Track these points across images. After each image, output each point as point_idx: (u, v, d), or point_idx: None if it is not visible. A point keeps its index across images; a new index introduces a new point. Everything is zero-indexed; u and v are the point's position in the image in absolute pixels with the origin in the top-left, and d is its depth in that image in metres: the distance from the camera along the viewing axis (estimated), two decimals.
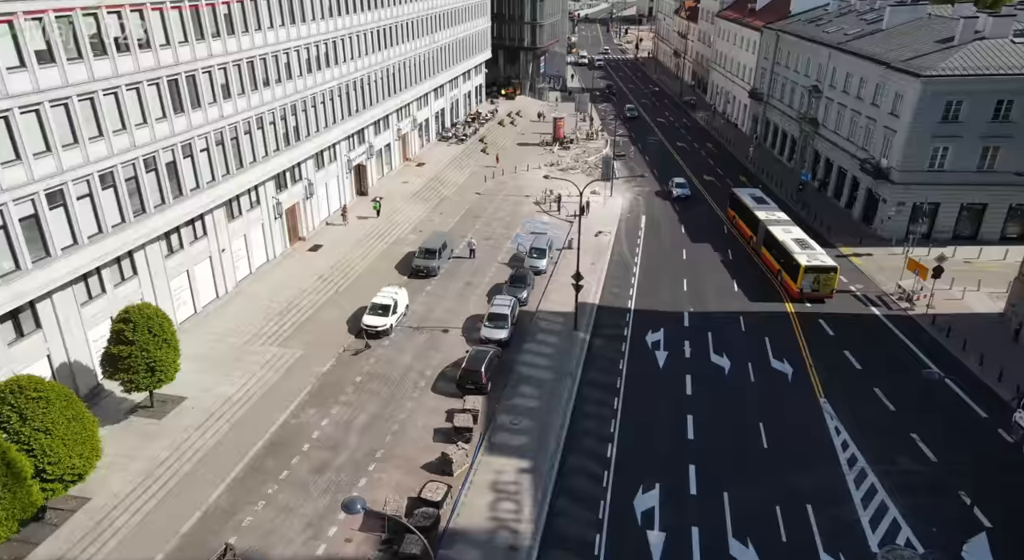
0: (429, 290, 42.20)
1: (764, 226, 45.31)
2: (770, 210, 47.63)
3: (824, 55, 58.61)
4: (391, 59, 56.89)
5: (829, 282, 39.52)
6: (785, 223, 45.29)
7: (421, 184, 59.48)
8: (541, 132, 78.89)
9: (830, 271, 39.40)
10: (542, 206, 57.15)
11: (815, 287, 39.50)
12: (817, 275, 39.31)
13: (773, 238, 43.67)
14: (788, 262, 41.11)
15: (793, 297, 40.60)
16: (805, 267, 39.25)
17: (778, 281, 42.73)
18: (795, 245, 41.49)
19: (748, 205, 49.05)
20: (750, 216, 48.27)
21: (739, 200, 50.83)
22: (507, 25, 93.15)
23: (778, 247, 42.70)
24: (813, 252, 40.71)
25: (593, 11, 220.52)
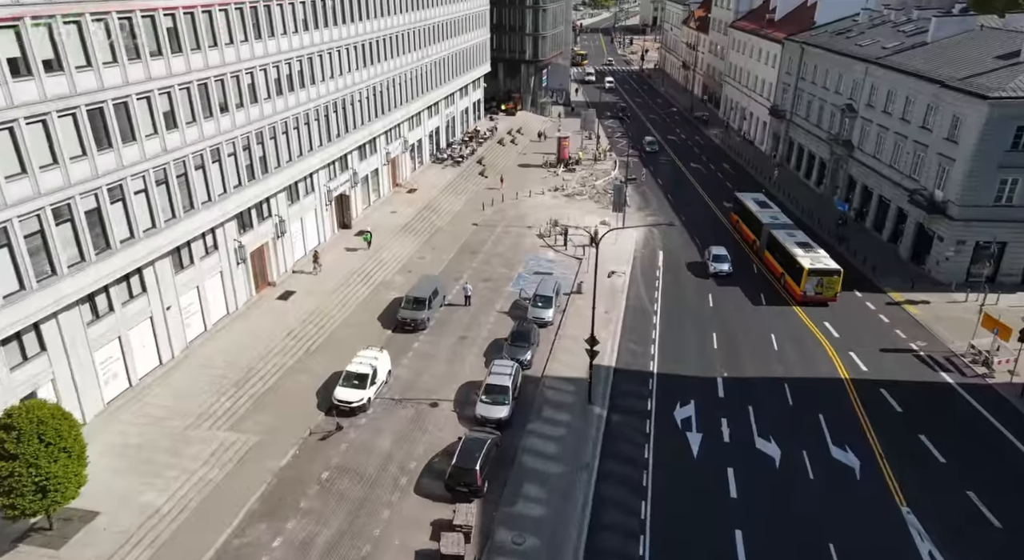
0: (417, 347, 36.08)
1: (768, 230, 44.93)
2: (775, 214, 47.44)
3: (859, 71, 52.77)
4: (378, 76, 51.08)
5: (833, 285, 39.24)
6: (789, 227, 45.15)
7: (412, 214, 53.47)
8: (544, 152, 73.03)
9: (834, 274, 39.11)
10: (546, 239, 51.12)
11: (819, 290, 39.31)
12: (821, 278, 39.08)
13: (777, 242, 43.26)
14: (791, 265, 40.89)
15: (797, 300, 40.40)
16: (809, 270, 38.98)
17: (781, 284, 42.54)
18: (799, 248, 41.28)
19: (751, 209, 48.79)
20: (753, 220, 47.98)
21: (743, 204, 50.57)
22: (507, 36, 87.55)
23: (781, 251, 42.45)
24: (817, 255, 40.50)
25: (594, 21, 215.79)
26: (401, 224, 51.25)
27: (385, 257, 45.98)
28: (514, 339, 35.15)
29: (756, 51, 76.68)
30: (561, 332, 37.85)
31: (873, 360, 34.42)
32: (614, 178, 66.09)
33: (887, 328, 37.72)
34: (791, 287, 41.04)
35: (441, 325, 38.35)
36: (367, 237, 47.81)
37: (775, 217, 46.98)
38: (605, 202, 59.37)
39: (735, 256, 46.13)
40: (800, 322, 38.74)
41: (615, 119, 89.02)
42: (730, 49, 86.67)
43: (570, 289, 42.93)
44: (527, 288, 42.70)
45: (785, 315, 39.62)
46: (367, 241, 47.63)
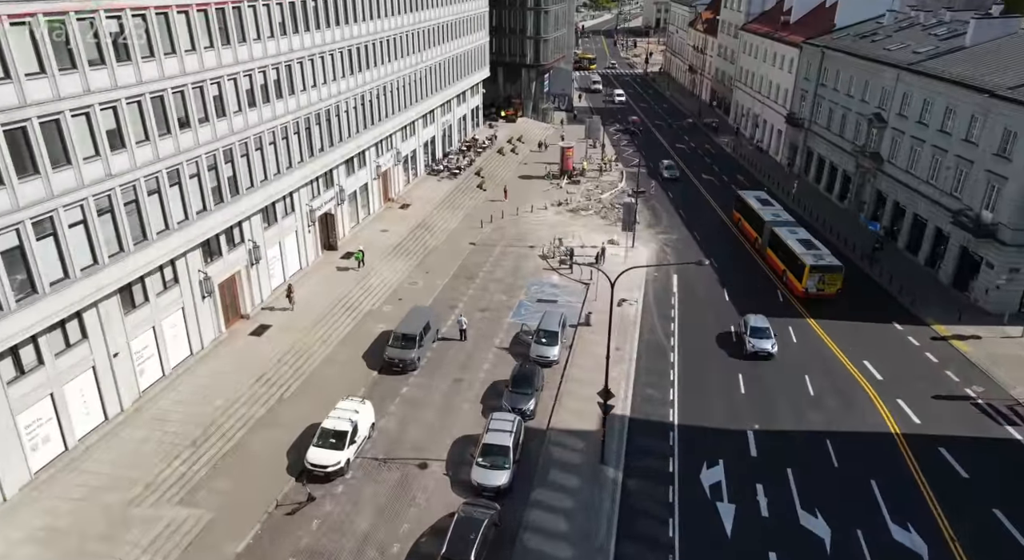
0: (406, 393, 31.90)
1: (770, 228, 44.93)
2: (776, 211, 47.45)
3: (889, 77, 48.64)
4: (368, 84, 46.95)
5: (834, 281, 39.29)
6: (791, 224, 45.04)
7: (404, 232, 49.29)
8: (546, 162, 68.89)
9: (836, 271, 39.24)
10: (550, 261, 46.97)
11: (820, 287, 39.37)
12: (822, 275, 39.16)
13: (779, 240, 43.24)
14: (793, 262, 41.05)
15: (798, 297, 40.56)
16: (811, 267, 39.13)
17: (782, 282, 42.71)
18: (800, 246, 41.33)
19: (753, 207, 48.57)
20: (755, 218, 47.89)
21: (744, 202, 50.48)
22: (507, 39, 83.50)
23: (783, 248, 42.57)
24: (819, 252, 40.65)
25: (595, 23, 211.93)
26: (392, 244, 47.03)
27: (373, 283, 41.80)
28: (515, 384, 30.95)
29: (770, 55, 72.59)
30: (568, 373, 33.68)
31: (925, 410, 30.20)
32: (621, 191, 62.02)
33: (936, 369, 33.52)
34: (792, 284, 41.23)
35: (433, 364, 34.17)
36: (359, 256, 43.87)
37: (777, 214, 46.79)
38: (612, 218, 55.22)
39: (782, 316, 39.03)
40: (836, 360, 34.52)
41: (625, 132, 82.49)
42: (741, 53, 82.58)
43: (577, 320, 38.78)
44: (529, 319, 38.56)
45: (818, 351, 35.39)
46: (359, 260, 43.74)
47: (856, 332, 37.10)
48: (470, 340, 36.50)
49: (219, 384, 30.39)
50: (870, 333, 37.01)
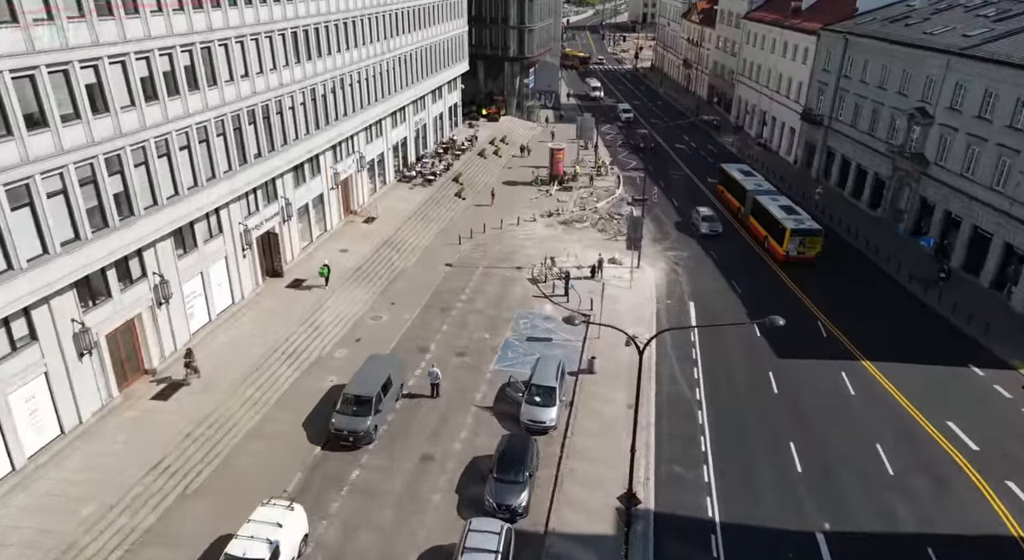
0: (357, 479, 24.03)
1: (752, 197, 46.09)
2: (757, 181, 48.73)
3: (937, 65, 41.55)
4: (321, 75, 38.93)
5: (814, 245, 40.66)
6: (772, 192, 46.34)
7: (367, 253, 41.27)
8: (533, 165, 61.22)
9: (816, 234, 40.54)
10: (541, 285, 39.31)
11: (801, 250, 40.64)
12: (803, 238, 40.35)
13: (761, 207, 44.32)
14: (775, 227, 42.09)
15: (779, 261, 41.71)
16: (792, 230, 40.22)
17: (764, 248, 43.70)
18: (782, 211, 42.29)
19: (736, 178, 49.68)
20: (738, 188, 48.96)
21: (728, 174, 51.71)
22: (488, 30, 75.72)
23: (765, 215, 43.60)
24: (799, 217, 41.76)
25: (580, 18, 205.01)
26: (352, 268, 38.98)
27: (325, 319, 33.78)
28: (502, 468, 23.17)
29: (780, 45, 65.50)
30: (570, 443, 25.99)
31: None
32: (620, 198, 54.50)
33: None
34: (774, 248, 42.28)
35: (396, 433, 26.31)
36: (324, 272, 36.51)
37: (759, 184, 48.08)
38: (612, 231, 47.67)
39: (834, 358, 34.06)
40: (911, 420, 27.10)
41: (633, 150, 67.45)
42: (744, 44, 75.50)
43: (577, 365, 31.15)
44: (518, 366, 30.86)
45: (886, 407, 27.94)
46: (324, 276, 36.44)
47: (927, 379, 29.75)
48: (444, 396, 28.69)
49: (95, 478, 22.21)
50: (945, 381, 29.69)
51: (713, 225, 46.71)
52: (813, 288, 38.58)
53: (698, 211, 48.41)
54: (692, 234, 47.23)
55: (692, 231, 47.63)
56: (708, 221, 47.07)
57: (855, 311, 35.83)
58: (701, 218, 47.47)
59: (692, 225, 47.92)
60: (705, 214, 47.73)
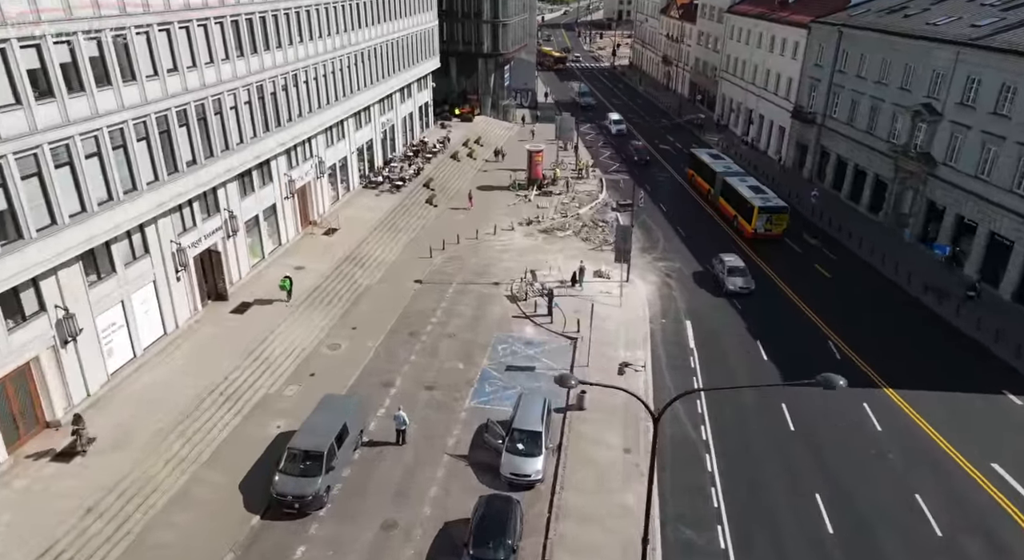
0: (301, 557, 19.84)
1: (722, 178, 47.05)
2: (726, 163, 50.29)
3: (945, 58, 38.45)
4: (268, 71, 34.51)
5: (780, 222, 41.99)
6: (740, 174, 47.49)
7: (327, 269, 36.90)
8: (510, 168, 57.24)
9: (782, 211, 42.02)
10: (521, 303, 35.35)
11: (768, 227, 41.87)
12: (770, 215, 41.66)
13: (730, 187, 45.41)
14: (743, 206, 43.23)
15: (747, 238, 42.66)
16: (759, 208, 41.52)
17: (733, 227, 44.69)
18: (749, 191, 43.57)
19: (706, 162, 51.09)
20: (708, 171, 50.34)
21: (698, 158, 52.96)
22: (460, 25, 71.54)
23: (734, 195, 44.76)
24: (766, 195, 43.04)
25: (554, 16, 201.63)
26: (308, 288, 34.57)
27: (275, 350, 29.39)
28: (479, 540, 19.15)
29: (767, 40, 62.38)
30: (559, 500, 22.06)
31: None
32: (603, 204, 50.74)
33: None
34: (743, 226, 43.37)
35: (352, 492, 22.15)
36: (286, 285, 32.70)
37: (728, 166, 49.47)
38: (597, 240, 43.88)
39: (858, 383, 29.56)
40: (951, 462, 23.57)
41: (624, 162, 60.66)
42: (728, 39, 72.35)
43: (565, 400, 27.24)
44: (497, 402, 26.91)
45: (919, 446, 24.46)
46: (286, 290, 32.68)
47: (959, 410, 26.36)
48: (411, 443, 24.57)
49: None
50: (979, 412, 26.31)
51: (746, 281, 34.93)
52: (820, 302, 35.14)
53: (722, 260, 36.03)
54: (684, 241, 43.63)
55: (680, 235, 44.05)
56: (738, 275, 35.04)
57: (869, 328, 32.41)
58: (727, 270, 35.12)
59: (715, 278, 36.89)
60: (732, 265, 35.22)
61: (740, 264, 36.70)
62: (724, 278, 36.06)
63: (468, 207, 48.90)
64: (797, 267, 39.50)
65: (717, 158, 51.93)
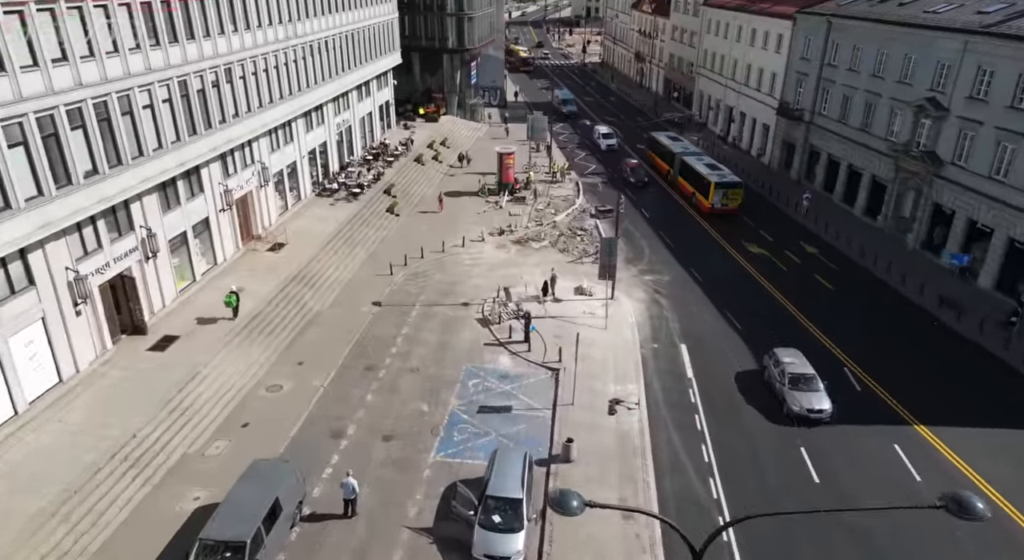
0: None
1: (680, 158, 49.02)
2: (685, 145, 52.59)
3: (951, 48, 35.24)
4: (192, 64, 29.64)
5: (736, 197, 43.94)
6: (698, 154, 49.50)
7: (271, 292, 32.09)
8: (479, 172, 52.90)
9: (737, 186, 44.11)
10: (494, 326, 31.06)
11: (725, 202, 43.80)
12: (726, 191, 43.66)
13: (688, 167, 47.34)
14: (700, 183, 45.14)
15: (704, 213, 44.49)
16: (716, 184, 43.62)
17: (691, 203, 46.42)
18: (706, 169, 45.46)
19: (665, 143, 53.05)
20: (667, 152, 52.10)
21: (657, 140, 54.85)
22: (423, 18, 66.90)
23: (692, 173, 46.61)
24: (722, 172, 45.15)
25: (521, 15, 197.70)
26: (247, 316, 29.69)
27: (199, 396, 24.53)
28: None
29: (748, 33, 59.11)
30: None
31: None
32: (581, 210, 46.69)
33: None
34: (701, 203, 45.30)
35: None
36: (231, 301, 28.64)
37: (686, 147, 52.01)
38: (575, 251, 39.82)
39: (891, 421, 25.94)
40: (1016, 530, 20.09)
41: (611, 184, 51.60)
42: (705, 33, 69.07)
43: (548, 449, 23.03)
44: (467, 453, 22.61)
45: None
46: (232, 306, 28.61)
47: (1009, 452, 22.82)
48: (363, 514, 20.11)
49: None
50: None
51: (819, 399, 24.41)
52: (826, 319, 31.49)
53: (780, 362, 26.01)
54: (671, 251, 39.79)
55: (667, 245, 40.18)
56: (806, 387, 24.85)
57: (884, 351, 28.85)
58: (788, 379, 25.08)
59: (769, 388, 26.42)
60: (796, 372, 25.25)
61: (808, 369, 25.36)
62: (785, 392, 24.93)
63: (438, 210, 45.23)
64: (797, 279, 35.91)
65: (675, 140, 54.16)
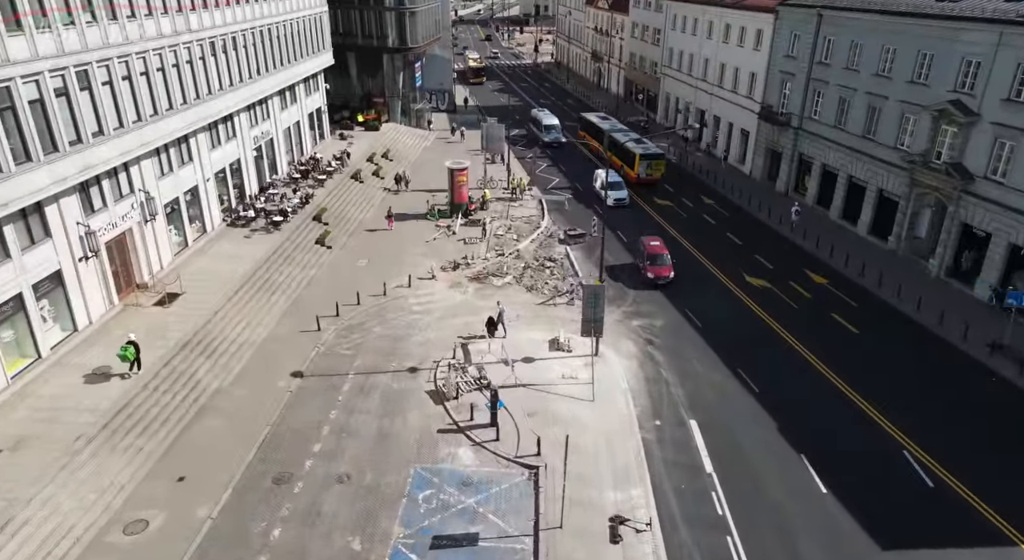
0: None
1: (608, 135, 52.28)
2: (613, 123, 56.07)
3: (981, 42, 29.82)
4: (23, 64, 21.70)
5: (659, 167, 47.97)
6: (624, 130, 53.47)
7: (152, 365, 24.24)
8: (429, 189, 45.71)
9: (659, 157, 48.32)
10: (450, 400, 24.03)
11: (649, 172, 47.62)
12: (650, 161, 47.51)
13: (616, 142, 51.11)
14: (627, 155, 48.94)
15: (631, 183, 47.29)
16: (640, 155, 47.26)
17: (621, 174, 48.37)
18: (632, 143, 49.44)
19: (595, 122, 56.38)
20: (597, 130, 55.39)
21: (587, 120, 57.99)
22: (358, 13, 59.09)
23: (620, 147, 50.34)
24: (646, 145, 49.29)
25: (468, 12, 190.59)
26: (109, 410, 21.72)
27: (30, 538, 16.77)
28: None
29: (721, 28, 53.57)
30: None
31: None
32: (548, 234, 39.96)
33: None
34: (628, 174, 48.17)
35: None
36: (128, 354, 22.60)
37: (614, 125, 55.08)
38: (544, 288, 33.11)
39: None
40: None
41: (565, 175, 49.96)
42: (670, 30, 63.47)
43: None
44: None
45: None
46: (128, 360, 22.66)
47: None
48: None
49: None
50: None
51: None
52: (864, 378, 25.30)
53: None
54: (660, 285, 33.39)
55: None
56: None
57: (951, 423, 22.81)
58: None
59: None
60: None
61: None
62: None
63: (388, 228, 39.60)
64: (811, 319, 29.95)
65: (605, 119, 57.43)
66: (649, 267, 33.20)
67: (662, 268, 33.19)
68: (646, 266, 33.34)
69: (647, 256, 33.54)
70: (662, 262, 33.37)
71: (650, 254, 33.66)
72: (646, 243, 34.72)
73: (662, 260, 33.44)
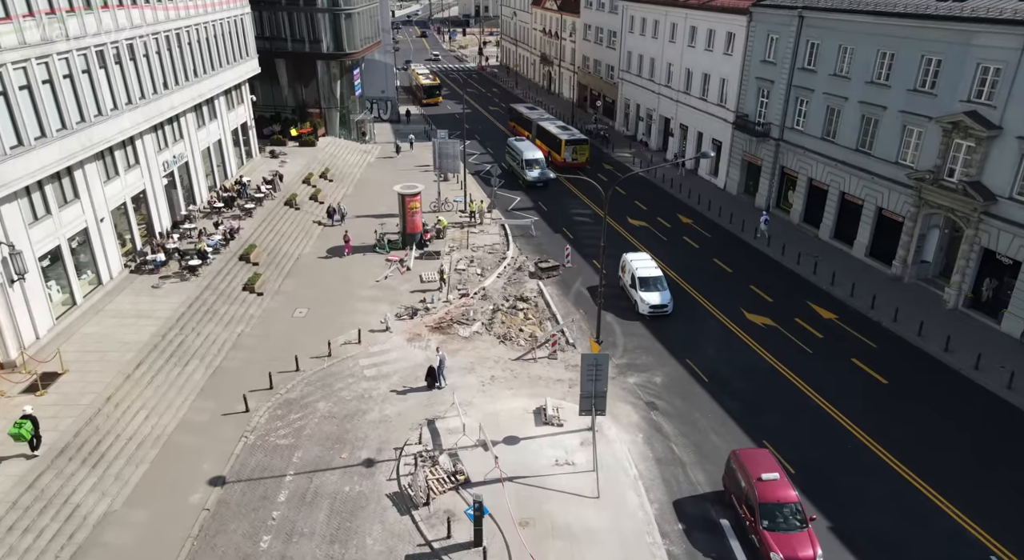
0: None
1: (536, 123, 55.19)
2: (540, 113, 58.93)
3: (999, 46, 26.50)
4: None
5: (583, 151, 50.67)
6: (551, 119, 56.34)
7: (8, 492, 18.11)
8: (376, 214, 40.05)
9: (583, 143, 50.79)
10: (419, 507, 18.76)
11: (575, 157, 50.29)
12: (575, 147, 50.21)
13: (543, 129, 53.63)
14: (554, 142, 51.51)
15: (558, 167, 49.99)
16: (565, 141, 49.95)
17: (549, 159, 50.12)
18: (558, 130, 52.14)
19: (523, 112, 59.30)
20: (525, 120, 58.22)
21: (517, 111, 60.84)
22: (286, 15, 52.62)
23: (547, 135, 52.87)
24: (571, 131, 52.05)
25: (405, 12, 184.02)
26: None
27: None
28: None
29: (685, 31, 49.84)
30: None
31: None
32: (516, 268, 34.95)
33: None
34: (555, 159, 50.84)
35: None
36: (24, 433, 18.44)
37: (541, 115, 57.88)
38: (519, 338, 28.10)
39: None
40: None
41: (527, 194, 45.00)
42: (627, 32, 59.57)
43: None
44: None
45: None
46: (24, 439, 18.54)
47: None
48: None
49: None
50: None
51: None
52: (913, 451, 21.20)
53: None
54: (651, 328, 28.89)
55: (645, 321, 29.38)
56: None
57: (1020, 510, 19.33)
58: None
59: None
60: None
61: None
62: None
63: (345, 253, 35.37)
64: (833, 369, 25.79)
65: (532, 109, 60.84)
66: (769, 535, 17.08)
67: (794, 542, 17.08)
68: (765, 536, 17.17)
69: (759, 502, 17.54)
70: None
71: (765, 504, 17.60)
72: (749, 467, 18.35)
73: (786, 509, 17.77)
